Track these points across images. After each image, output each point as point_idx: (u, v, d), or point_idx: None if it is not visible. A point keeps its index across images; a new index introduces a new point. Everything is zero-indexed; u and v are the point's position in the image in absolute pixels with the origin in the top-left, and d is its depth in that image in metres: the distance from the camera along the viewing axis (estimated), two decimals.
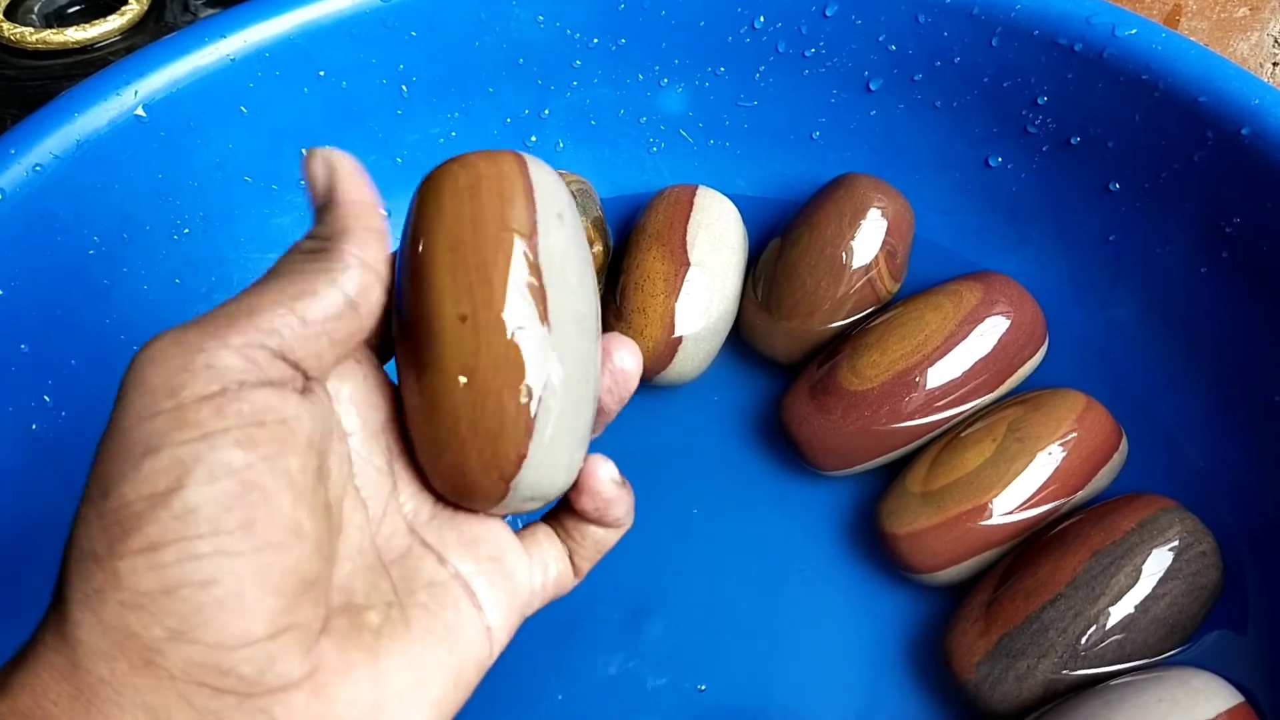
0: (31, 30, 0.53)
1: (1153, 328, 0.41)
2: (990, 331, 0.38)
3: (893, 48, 0.43)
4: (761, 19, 0.44)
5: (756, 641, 0.36)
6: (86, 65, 0.53)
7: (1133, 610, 0.32)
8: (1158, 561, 0.32)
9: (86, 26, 0.53)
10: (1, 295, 0.34)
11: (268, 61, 0.40)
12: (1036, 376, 0.41)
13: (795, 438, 0.39)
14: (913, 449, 0.38)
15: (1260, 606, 0.35)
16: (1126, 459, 0.38)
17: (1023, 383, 0.40)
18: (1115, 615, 0.32)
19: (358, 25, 0.41)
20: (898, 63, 0.44)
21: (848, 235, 0.41)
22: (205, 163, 0.40)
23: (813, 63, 0.45)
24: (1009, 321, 0.39)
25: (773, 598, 0.37)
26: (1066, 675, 0.32)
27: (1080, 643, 0.32)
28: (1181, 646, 0.33)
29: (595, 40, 0.45)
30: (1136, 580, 0.32)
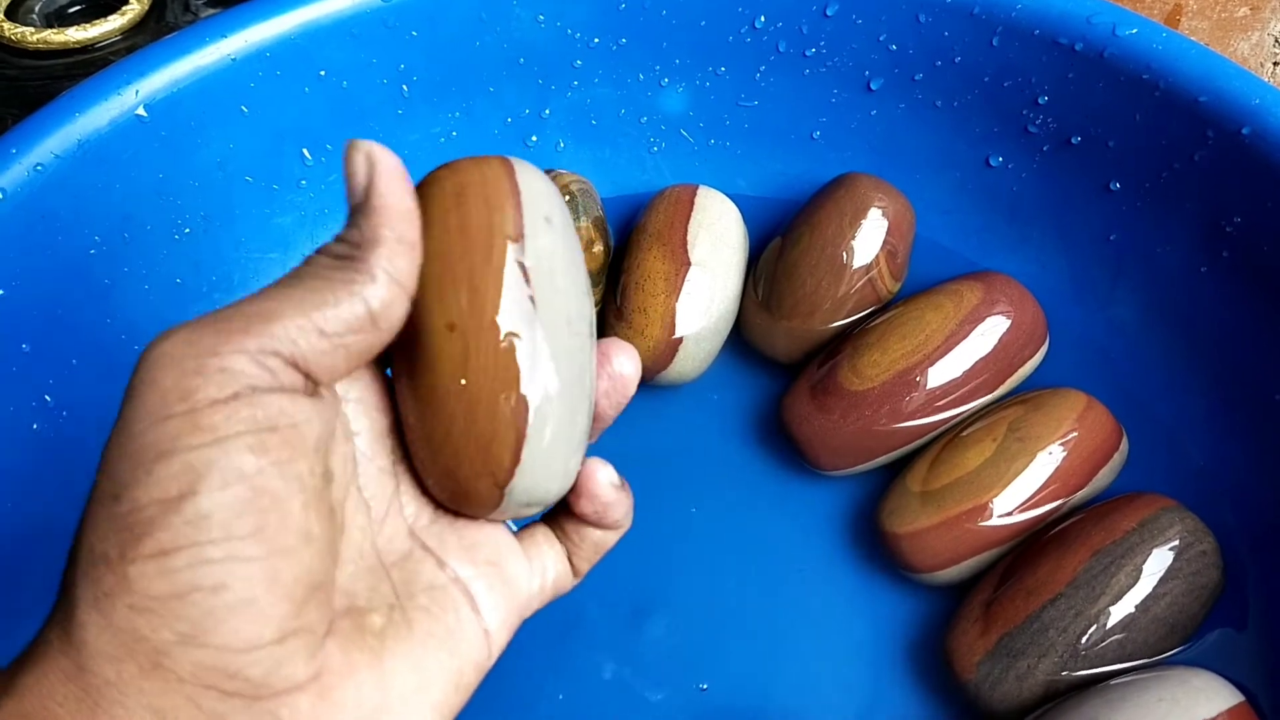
0: (32, 30, 0.53)
1: (1153, 327, 0.41)
2: (991, 331, 0.38)
3: (893, 47, 0.43)
4: (762, 18, 0.44)
5: (756, 641, 0.36)
6: (87, 65, 0.53)
7: (1133, 610, 0.32)
8: (1158, 561, 0.32)
9: (87, 26, 0.53)
10: (2, 295, 0.34)
11: (268, 61, 0.39)
12: (1037, 376, 0.41)
13: (796, 437, 0.39)
14: (913, 449, 0.39)
15: (1260, 606, 0.35)
16: (1127, 458, 0.38)
17: (1023, 382, 0.40)
18: (1116, 615, 0.32)
19: (358, 25, 0.41)
20: (898, 62, 0.44)
21: (848, 235, 0.41)
22: (206, 162, 0.40)
23: (813, 62, 0.45)
24: (1009, 321, 0.39)
25: (773, 597, 0.37)
26: (1067, 675, 0.32)
27: (1081, 642, 0.32)
28: (1182, 646, 0.33)
29: (596, 40, 0.45)
30: (1137, 580, 0.32)
